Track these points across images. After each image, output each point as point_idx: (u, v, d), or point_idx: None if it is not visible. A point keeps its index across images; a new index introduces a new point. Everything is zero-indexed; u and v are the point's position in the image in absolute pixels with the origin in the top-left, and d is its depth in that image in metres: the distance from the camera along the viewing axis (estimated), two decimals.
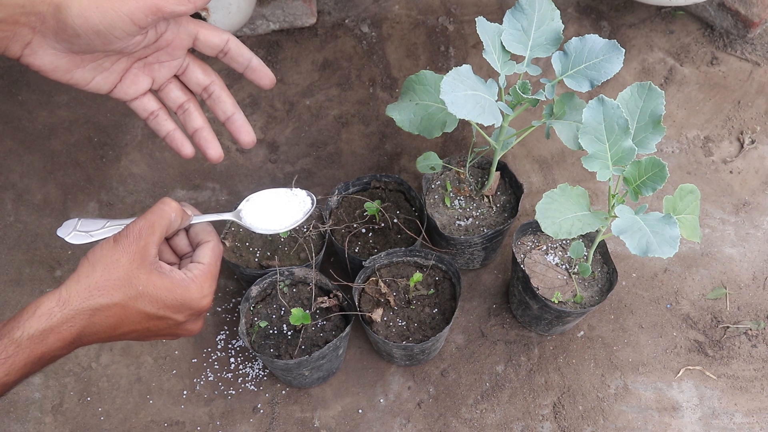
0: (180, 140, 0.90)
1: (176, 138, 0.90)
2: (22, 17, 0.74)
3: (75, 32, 0.75)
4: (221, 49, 0.86)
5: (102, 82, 0.83)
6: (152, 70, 0.86)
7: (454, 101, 1.02)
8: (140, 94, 0.87)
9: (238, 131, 0.90)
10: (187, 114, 0.90)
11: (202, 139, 0.90)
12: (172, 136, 0.89)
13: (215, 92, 0.90)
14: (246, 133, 0.91)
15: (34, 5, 0.73)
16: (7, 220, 1.49)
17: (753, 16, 1.62)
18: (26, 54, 0.77)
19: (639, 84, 1.07)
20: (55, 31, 0.75)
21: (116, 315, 0.75)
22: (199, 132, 0.90)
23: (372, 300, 1.27)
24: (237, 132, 0.90)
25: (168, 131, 0.89)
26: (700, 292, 1.41)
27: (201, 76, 0.89)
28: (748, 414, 1.28)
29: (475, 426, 1.28)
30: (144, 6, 0.76)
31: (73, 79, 0.81)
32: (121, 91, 0.85)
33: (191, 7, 0.79)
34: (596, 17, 1.73)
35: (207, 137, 0.90)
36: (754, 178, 1.53)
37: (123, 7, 0.75)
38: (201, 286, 0.80)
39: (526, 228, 1.29)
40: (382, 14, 1.75)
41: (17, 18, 0.74)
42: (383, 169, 1.55)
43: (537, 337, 1.36)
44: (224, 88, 0.90)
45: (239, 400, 1.31)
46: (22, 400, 1.31)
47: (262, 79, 0.89)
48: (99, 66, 0.81)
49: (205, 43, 0.85)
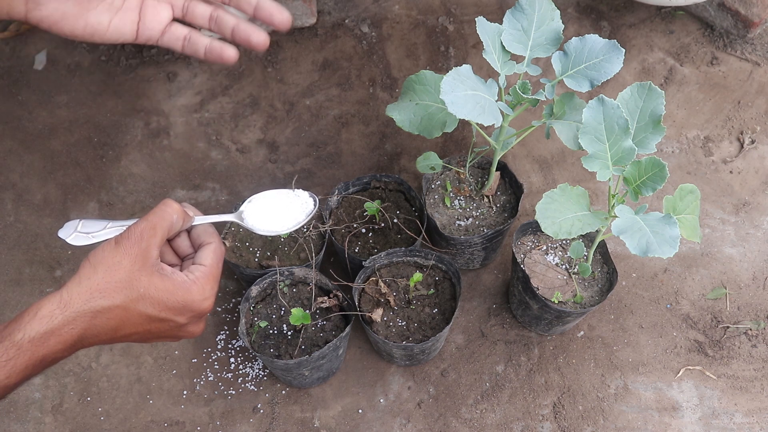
0: (220, 47, 0.88)
1: (215, 47, 0.88)
2: None
3: None
4: None
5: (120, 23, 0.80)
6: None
7: (454, 101, 1.02)
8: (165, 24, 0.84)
9: (270, 14, 0.87)
10: (220, 21, 0.88)
11: (242, 32, 0.88)
12: (211, 48, 0.88)
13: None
14: (279, 12, 0.88)
15: None
16: (7, 220, 1.49)
17: (753, 16, 1.62)
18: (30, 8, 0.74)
19: (639, 84, 1.07)
20: None
21: (117, 317, 0.75)
22: (237, 27, 0.88)
23: (372, 300, 1.27)
24: (270, 15, 0.87)
25: (206, 45, 0.88)
26: (700, 292, 1.41)
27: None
28: (748, 414, 1.29)
29: (475, 426, 1.28)
30: None
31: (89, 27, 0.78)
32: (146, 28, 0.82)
33: None
34: (596, 17, 1.73)
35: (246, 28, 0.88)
36: (754, 178, 1.53)
37: None
38: (203, 288, 0.80)
39: (526, 228, 1.29)
40: (382, 14, 1.75)
41: None
42: (383, 169, 1.55)
43: (537, 337, 1.36)
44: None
45: (239, 400, 1.31)
46: (22, 400, 1.31)
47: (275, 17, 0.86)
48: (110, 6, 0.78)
49: None
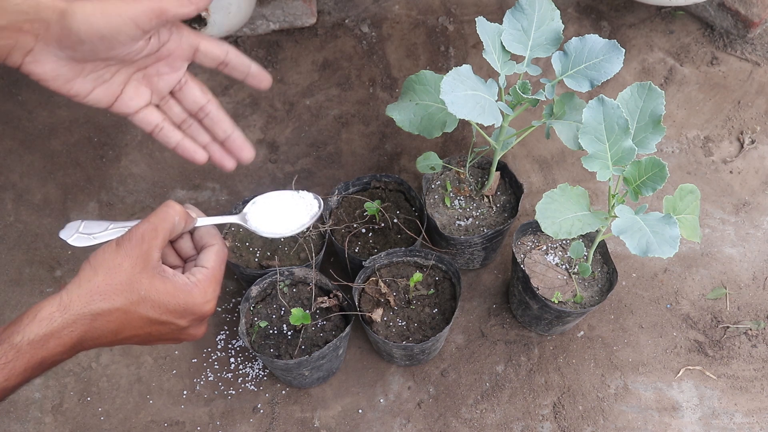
0: (191, 148, 0.89)
1: (187, 147, 0.89)
2: (26, 24, 0.73)
3: (79, 38, 0.74)
4: (222, 60, 0.85)
5: (102, 94, 0.82)
6: (152, 82, 0.85)
7: (454, 101, 1.02)
8: (141, 106, 0.86)
9: (239, 150, 0.90)
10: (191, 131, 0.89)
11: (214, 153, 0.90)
12: (182, 146, 0.88)
13: (212, 112, 0.88)
14: (247, 150, 0.90)
15: (38, 12, 0.73)
16: (7, 220, 1.49)
17: (753, 16, 1.62)
18: (27, 62, 0.76)
19: (639, 84, 1.07)
20: (59, 38, 0.74)
21: (118, 320, 0.74)
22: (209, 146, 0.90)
23: (372, 300, 1.27)
24: (238, 150, 0.90)
25: (177, 141, 0.88)
26: (700, 292, 1.40)
27: (198, 95, 0.88)
28: (748, 414, 1.29)
29: (475, 426, 1.28)
30: (148, 9, 0.75)
31: (73, 90, 0.80)
32: (123, 103, 0.84)
33: (193, 8, 0.78)
34: (596, 17, 1.73)
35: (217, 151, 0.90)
36: (754, 178, 1.53)
37: (128, 11, 0.74)
38: (204, 291, 0.79)
39: (526, 228, 1.29)
40: (382, 14, 1.75)
41: (21, 25, 0.73)
42: (383, 169, 1.55)
43: (537, 337, 1.36)
44: (220, 107, 0.89)
45: (239, 400, 1.31)
46: (22, 400, 1.31)
47: (262, 83, 0.89)
48: (99, 77, 0.81)
49: (206, 54, 0.85)
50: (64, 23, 0.73)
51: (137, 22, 0.75)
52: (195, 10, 0.78)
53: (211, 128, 0.90)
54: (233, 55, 0.86)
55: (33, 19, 0.73)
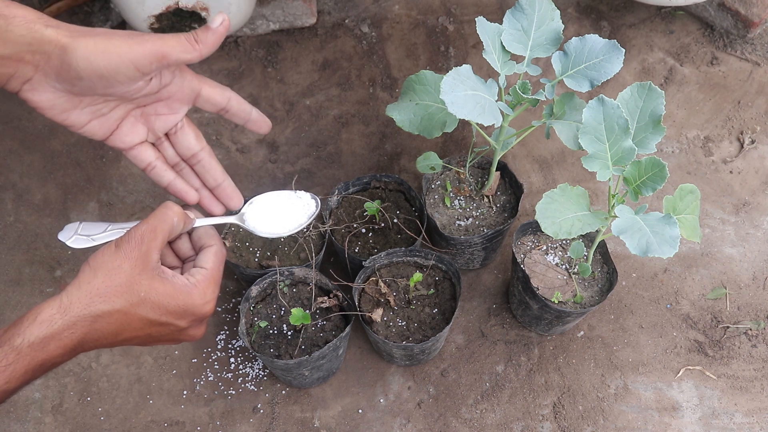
0: (183, 189, 0.89)
1: (179, 187, 0.89)
2: (28, 55, 0.74)
3: (78, 74, 0.75)
4: (223, 107, 0.86)
5: (98, 127, 0.82)
6: (149, 121, 0.85)
7: (454, 101, 1.02)
8: (136, 143, 0.86)
9: (228, 198, 0.90)
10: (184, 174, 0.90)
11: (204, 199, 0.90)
12: (174, 186, 0.88)
13: (204, 159, 0.89)
14: (237, 199, 0.91)
15: (41, 45, 0.73)
16: (7, 220, 1.49)
17: (753, 16, 1.62)
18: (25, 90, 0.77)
19: (639, 84, 1.07)
20: (58, 71, 0.75)
21: (118, 321, 0.75)
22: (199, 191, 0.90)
23: (372, 300, 1.27)
24: (228, 199, 0.90)
25: (169, 181, 0.88)
26: (700, 292, 1.40)
27: (193, 141, 0.88)
28: (748, 414, 1.28)
29: (475, 426, 1.28)
30: (149, 53, 0.75)
31: (68, 120, 0.80)
32: (118, 138, 0.85)
33: (197, 55, 0.78)
34: (596, 17, 1.73)
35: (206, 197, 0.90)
36: (754, 178, 1.53)
37: (129, 54, 0.75)
38: (203, 291, 0.79)
39: (526, 228, 1.29)
40: (382, 14, 1.75)
41: (22, 56, 0.73)
42: (383, 169, 1.55)
43: (537, 337, 1.36)
44: (213, 155, 0.89)
45: (239, 400, 1.31)
46: (22, 400, 1.31)
47: (262, 128, 0.89)
48: (96, 111, 0.81)
49: (208, 100, 0.85)
50: (65, 58, 0.74)
51: (137, 64, 0.76)
52: (198, 57, 0.79)
53: (202, 175, 0.90)
54: (235, 102, 0.86)
55: (35, 51, 0.74)
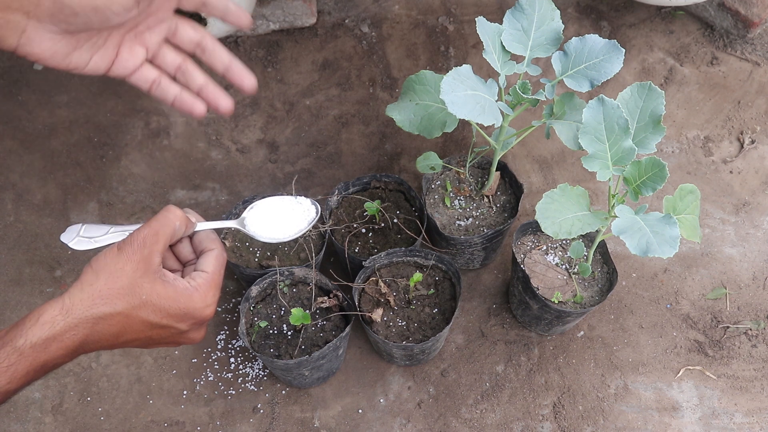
0: (189, 101, 0.88)
1: (185, 99, 0.88)
2: (14, 2, 0.72)
3: (73, 11, 0.74)
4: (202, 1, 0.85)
5: (99, 60, 0.82)
6: (144, 38, 0.84)
7: (454, 101, 1.02)
8: (138, 65, 0.85)
9: (240, 77, 0.89)
10: (187, 74, 0.88)
11: (209, 93, 0.89)
12: (180, 99, 0.88)
13: (209, 45, 0.88)
14: (248, 77, 0.89)
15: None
16: (7, 220, 1.49)
17: (753, 16, 1.62)
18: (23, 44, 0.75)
19: (639, 84, 1.07)
20: (51, 12, 0.74)
21: (119, 324, 0.75)
22: (204, 88, 0.89)
23: (372, 300, 1.27)
24: (240, 78, 0.89)
25: (175, 95, 0.88)
26: (700, 292, 1.40)
27: (192, 33, 0.87)
28: (748, 414, 1.29)
29: (475, 426, 1.28)
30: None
31: (72, 63, 0.79)
32: (120, 66, 0.84)
33: None
34: (596, 17, 1.73)
35: (213, 90, 0.89)
36: (754, 178, 1.53)
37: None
38: (204, 295, 0.80)
39: (526, 228, 1.29)
40: (382, 14, 1.75)
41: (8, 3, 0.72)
42: (383, 169, 1.55)
43: (537, 337, 1.36)
44: (216, 40, 0.88)
45: (239, 400, 1.31)
46: (22, 400, 1.31)
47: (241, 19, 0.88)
48: (94, 44, 0.80)
49: None
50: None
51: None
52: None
53: (210, 62, 0.89)
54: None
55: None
